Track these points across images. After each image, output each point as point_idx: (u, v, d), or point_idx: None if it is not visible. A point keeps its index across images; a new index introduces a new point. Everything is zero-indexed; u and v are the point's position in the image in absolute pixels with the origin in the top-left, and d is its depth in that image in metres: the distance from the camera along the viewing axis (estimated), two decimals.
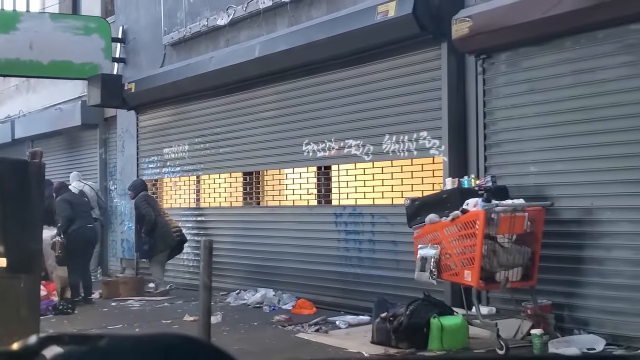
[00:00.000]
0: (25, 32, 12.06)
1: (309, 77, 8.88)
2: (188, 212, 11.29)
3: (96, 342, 1.01)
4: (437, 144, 7.30)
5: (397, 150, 7.75)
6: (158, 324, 8.13)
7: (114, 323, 8.15)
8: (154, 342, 1.05)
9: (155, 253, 10.23)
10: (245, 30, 10.07)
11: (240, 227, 10.25)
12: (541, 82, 6.46)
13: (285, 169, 9.49)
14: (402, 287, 7.68)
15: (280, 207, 9.63)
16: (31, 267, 5.08)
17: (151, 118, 12.14)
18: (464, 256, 5.95)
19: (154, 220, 10.17)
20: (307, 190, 9.12)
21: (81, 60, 12.33)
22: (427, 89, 7.42)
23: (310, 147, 8.92)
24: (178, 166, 11.53)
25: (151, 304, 9.51)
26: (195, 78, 10.36)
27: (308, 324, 7.62)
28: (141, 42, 12.49)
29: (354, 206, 8.36)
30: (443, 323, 5.87)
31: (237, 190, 10.44)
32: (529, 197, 6.27)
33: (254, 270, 9.90)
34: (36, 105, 16.46)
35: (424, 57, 7.44)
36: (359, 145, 8.22)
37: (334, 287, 8.57)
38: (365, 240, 8.21)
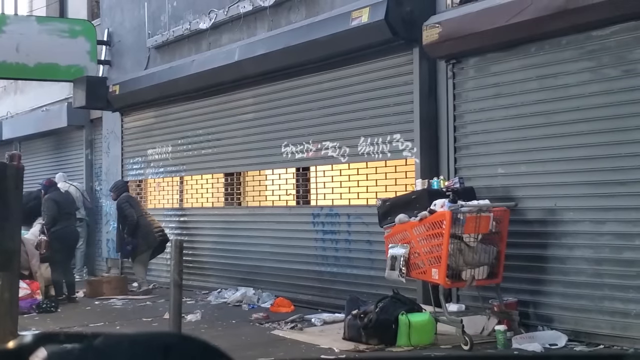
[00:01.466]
0: (12, 35, 12.21)
1: (287, 80, 9.07)
2: (171, 213, 11.46)
3: (92, 341, 1.01)
4: (409, 146, 7.51)
5: (371, 152, 7.95)
6: (138, 321, 8.30)
7: (96, 321, 8.32)
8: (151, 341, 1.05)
9: (138, 253, 10.40)
10: (226, 33, 10.26)
11: (222, 227, 10.43)
12: (507, 87, 6.67)
13: (265, 170, 9.68)
14: (376, 286, 7.88)
15: (260, 207, 9.82)
16: (9, 265, 5.24)
17: (135, 120, 12.31)
18: (431, 255, 6.15)
19: (136, 220, 10.34)
20: (285, 191, 9.32)
21: (67, 63, 12.48)
22: (400, 93, 7.62)
23: (288, 149, 9.11)
24: (161, 167, 11.70)
25: (133, 303, 9.68)
26: (177, 80, 10.53)
27: (285, 321, 7.80)
28: (126, 44, 12.65)
29: (331, 207, 8.56)
30: (411, 320, 6.08)
31: (219, 191, 10.62)
32: (497, 197, 6.48)
33: (234, 269, 10.08)
34: (23, 107, 16.59)
35: (396, 62, 7.64)
36: (336, 147, 8.42)
37: (311, 286, 8.76)
38: (341, 240, 8.41)
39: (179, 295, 5.00)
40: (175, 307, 4.85)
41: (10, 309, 5.26)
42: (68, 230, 9.85)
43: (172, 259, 5.04)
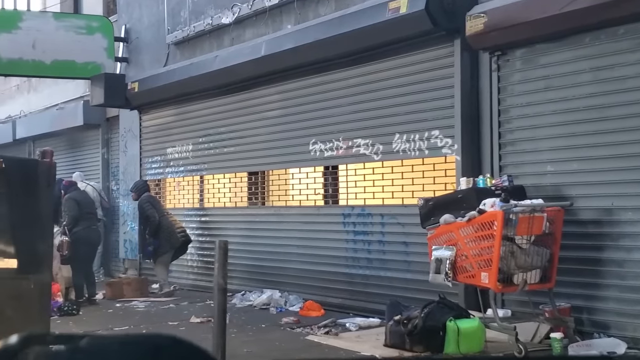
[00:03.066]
0: (28, 31, 11.92)
1: (316, 75, 8.74)
2: (192, 213, 11.15)
3: (81, 343, 0.99)
4: (449, 143, 7.17)
5: (407, 149, 7.62)
6: (164, 325, 7.98)
7: (120, 324, 8.00)
8: (141, 343, 1.04)
9: (160, 254, 10.09)
10: (250, 28, 9.95)
11: (245, 228, 10.12)
12: (558, 80, 6.33)
13: (292, 168, 9.35)
14: (413, 289, 7.56)
15: (286, 207, 9.49)
16: (41, 268, 4.94)
17: (154, 118, 12.01)
18: (480, 258, 5.82)
19: (158, 221, 10.04)
20: (314, 190, 8.99)
21: (84, 60, 12.19)
22: (439, 87, 7.29)
23: (317, 147, 8.79)
24: (182, 166, 11.40)
25: (156, 305, 9.37)
26: (199, 77, 10.22)
27: (317, 326, 7.49)
28: (144, 41, 12.36)
29: (363, 206, 8.23)
30: (460, 326, 5.74)
31: (242, 190, 10.31)
32: (546, 197, 6.13)
33: (258, 271, 9.76)
34: (37, 105, 16.32)
35: (435, 55, 7.31)
36: (368, 144, 8.09)
37: (341, 289, 8.44)
38: (374, 241, 8.08)
39: (224, 301, 4.69)
40: (220, 313, 4.53)
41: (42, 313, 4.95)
42: (90, 231, 9.56)
43: (216, 261, 4.71)
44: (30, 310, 4.91)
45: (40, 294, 4.95)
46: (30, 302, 4.91)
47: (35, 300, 4.93)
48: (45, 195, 4.98)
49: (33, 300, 4.92)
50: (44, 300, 4.97)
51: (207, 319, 8.16)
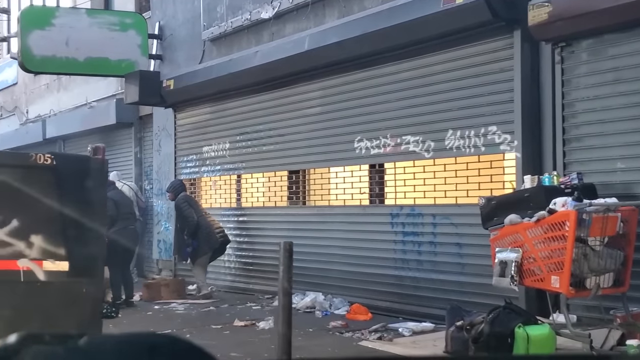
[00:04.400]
0: (61, 28, 11.74)
1: (362, 70, 8.44)
2: (229, 212, 10.90)
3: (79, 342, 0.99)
4: (508, 139, 6.84)
5: (462, 146, 7.29)
6: (207, 328, 7.74)
7: (162, 327, 7.74)
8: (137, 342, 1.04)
9: (198, 255, 9.85)
10: (291, 23, 9.67)
11: (285, 228, 9.84)
12: (629, 71, 5.97)
13: (335, 167, 9.06)
14: (467, 293, 7.25)
15: (329, 206, 9.20)
16: (94, 271, 4.69)
17: (190, 116, 11.78)
18: (550, 260, 5.48)
19: (196, 221, 9.79)
20: (359, 189, 8.69)
21: (118, 57, 12.00)
22: (497, 80, 6.96)
23: (362, 144, 8.49)
24: (218, 165, 11.15)
25: (196, 308, 9.13)
26: (238, 74, 9.96)
27: (368, 330, 7.20)
28: (178, 38, 12.13)
29: (413, 206, 7.91)
30: (529, 333, 5.40)
31: (282, 189, 10.03)
32: (617, 195, 5.77)
33: (300, 272, 9.39)
34: (68, 104, 16.18)
35: (493, 47, 6.98)
36: (418, 141, 7.78)
37: (389, 292, 8.13)
38: (425, 242, 7.76)
39: (289, 305, 4.41)
40: (285, 318, 4.24)
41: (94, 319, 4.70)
42: (128, 231, 9.35)
43: (281, 264, 4.43)
44: (82, 315, 4.66)
45: (92, 298, 4.71)
46: (82, 307, 4.66)
47: (87, 305, 4.69)
48: (97, 194, 4.73)
49: (85, 305, 4.67)
50: (96, 305, 4.71)
51: (251, 322, 7.92)
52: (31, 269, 4.53)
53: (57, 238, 4.62)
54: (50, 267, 4.57)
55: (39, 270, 4.56)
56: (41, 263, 4.57)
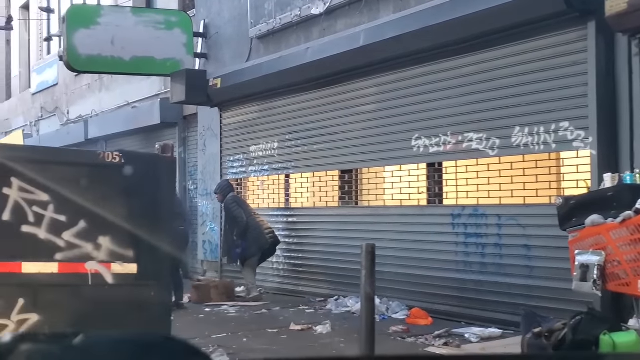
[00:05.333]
0: (107, 27, 11.64)
1: (421, 65, 8.16)
2: (277, 213, 10.69)
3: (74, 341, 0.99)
4: (582, 136, 6.51)
5: (530, 143, 6.97)
6: (263, 332, 7.51)
7: (216, 331, 7.54)
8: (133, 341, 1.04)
9: (248, 257, 9.65)
10: (343, 18, 9.43)
11: (336, 229, 9.61)
12: None
13: (391, 166, 8.79)
14: (535, 297, 6.94)
15: (384, 207, 8.94)
16: (162, 273, 4.49)
17: (236, 115, 11.59)
18: (637, 264, 5.14)
19: (245, 222, 9.59)
20: (417, 189, 8.41)
21: (163, 56, 11.87)
22: (569, 74, 6.63)
23: (421, 142, 8.21)
24: (266, 164, 10.95)
25: (247, 310, 8.92)
26: (289, 71, 9.75)
27: (432, 336, 6.92)
28: (224, 36, 11.96)
29: (476, 206, 7.61)
30: (615, 340, 5.07)
31: (334, 189, 9.79)
32: None
33: (352, 275, 9.18)
34: (110, 104, 16.13)
35: (565, 39, 6.65)
36: (482, 138, 7.47)
37: (451, 296, 7.84)
38: (489, 244, 7.45)
39: (372, 311, 4.16)
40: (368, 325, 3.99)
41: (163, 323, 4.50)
42: (177, 232, 9.15)
43: (363, 267, 4.18)
44: (150, 320, 4.46)
45: (161, 302, 4.50)
46: (150, 311, 4.46)
47: (155, 309, 4.48)
48: (166, 194, 4.53)
49: (153, 309, 4.47)
50: (165, 309, 4.51)
51: (307, 326, 7.69)
52: (99, 271, 4.35)
53: (125, 240, 4.43)
54: (119, 270, 4.38)
55: (107, 273, 4.37)
56: (109, 266, 4.39)
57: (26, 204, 4.21)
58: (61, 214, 4.30)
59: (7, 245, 4.19)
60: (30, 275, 4.19)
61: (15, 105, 23.17)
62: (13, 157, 4.31)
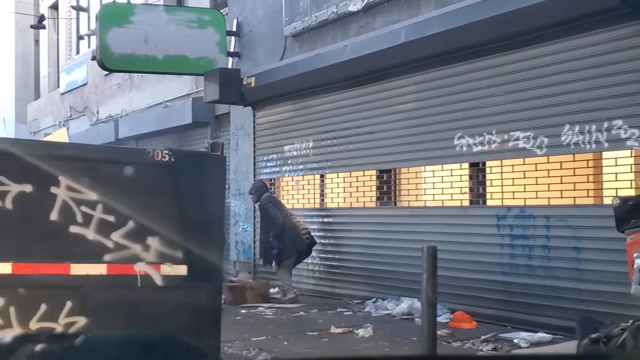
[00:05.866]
0: (140, 26, 11.57)
1: (464, 62, 7.96)
2: (312, 213, 10.54)
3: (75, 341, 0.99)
4: (636, 134, 6.27)
5: (580, 142, 6.74)
6: (303, 335, 7.36)
7: (256, 334, 7.40)
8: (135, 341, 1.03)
9: (284, 258, 9.51)
10: (381, 15, 9.24)
11: (374, 230, 9.44)
12: None
13: (432, 165, 8.60)
14: (585, 301, 6.71)
15: (424, 207, 8.74)
16: (213, 275, 4.35)
17: (270, 114, 11.46)
18: None
19: (281, 222, 9.45)
20: (459, 189, 8.20)
21: (196, 55, 11.77)
22: (623, 71, 6.40)
23: (463, 141, 8.01)
24: (301, 164, 10.80)
25: (284, 313, 8.77)
26: (325, 69, 9.59)
27: (479, 340, 6.72)
28: (257, 34, 11.83)
29: (522, 207, 7.39)
30: None
31: (371, 189, 9.61)
32: None
33: (391, 277, 9.05)
34: (140, 104, 16.09)
35: (618, 34, 6.42)
36: (529, 137, 7.25)
37: (495, 299, 7.63)
38: (537, 246, 7.23)
39: (433, 317, 3.98)
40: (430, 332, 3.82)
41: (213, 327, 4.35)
42: None
43: (424, 271, 4.02)
44: (201, 323, 4.32)
45: (211, 304, 4.36)
46: (201, 314, 4.32)
47: (206, 311, 4.34)
48: (216, 193, 4.39)
49: (204, 312, 4.33)
50: (215, 311, 4.37)
51: (348, 329, 7.52)
52: (148, 273, 4.22)
53: (174, 240, 4.29)
54: (168, 272, 4.25)
55: (156, 274, 4.24)
56: (158, 267, 4.26)
57: (74, 204, 4.09)
58: (109, 213, 4.18)
59: (55, 246, 4.07)
60: (79, 277, 4.07)
61: (44, 105, 23.28)
62: (61, 155, 4.19)
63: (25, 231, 4.05)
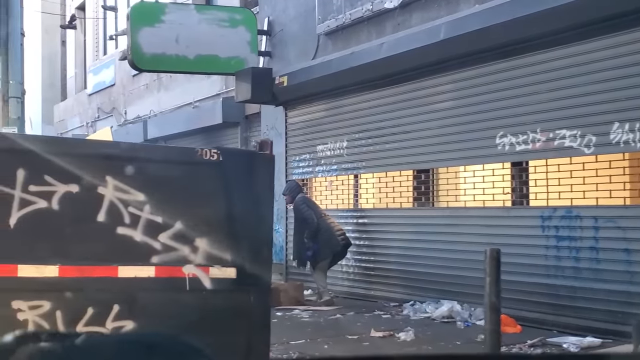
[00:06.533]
0: (171, 25, 11.47)
1: (506, 59, 7.76)
2: (347, 214, 10.37)
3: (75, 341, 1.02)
4: None
5: (631, 140, 6.52)
6: (343, 339, 7.20)
7: (295, 337, 7.25)
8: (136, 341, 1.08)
9: (319, 259, 9.35)
10: (418, 12, 9.06)
11: (411, 231, 9.26)
12: None
13: (472, 165, 8.39)
14: (636, 304, 6.48)
15: (464, 208, 8.55)
16: (262, 278, 4.20)
17: (302, 113, 11.31)
18: None
19: (316, 224, 9.29)
20: (502, 189, 7.99)
21: (227, 54, 11.65)
22: None
23: (506, 140, 7.80)
24: (334, 164, 10.64)
25: (321, 315, 8.61)
26: (360, 68, 9.42)
27: (526, 345, 6.52)
28: (289, 33, 11.70)
29: (569, 207, 7.17)
30: None
31: (408, 189, 9.42)
32: None
33: (429, 279, 8.87)
34: (169, 104, 16.03)
35: None
36: (576, 135, 7.03)
37: (540, 302, 7.41)
38: (584, 248, 7.01)
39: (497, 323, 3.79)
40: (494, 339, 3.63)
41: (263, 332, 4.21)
42: None
43: (487, 275, 3.84)
44: (250, 327, 4.18)
45: (260, 308, 4.22)
46: (250, 318, 4.18)
47: (255, 315, 4.20)
48: (265, 194, 4.24)
49: (252, 316, 4.19)
50: (265, 315, 4.22)
51: (389, 332, 7.35)
52: (197, 276, 4.09)
53: (223, 242, 4.15)
54: (217, 274, 4.11)
55: (205, 277, 4.10)
56: (207, 270, 4.12)
57: (121, 204, 3.97)
58: (157, 214, 4.05)
59: (102, 247, 3.95)
60: (126, 280, 3.94)
61: (71, 106, 23.35)
62: (108, 154, 4.07)
63: (71, 233, 3.93)
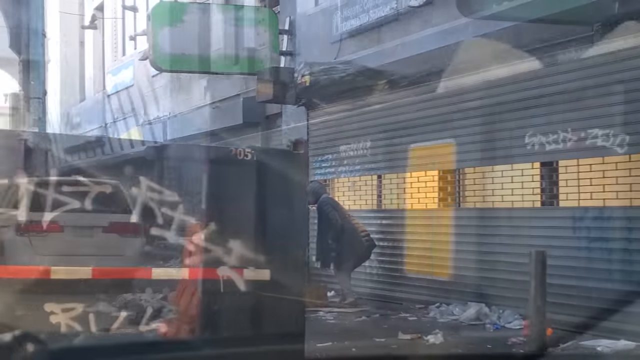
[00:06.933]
0: (192, 25, 11.46)
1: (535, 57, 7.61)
2: (369, 215, 10.26)
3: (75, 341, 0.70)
4: None
5: None
6: (371, 342, 7.09)
7: (321, 339, 7.07)
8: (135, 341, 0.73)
9: (343, 261, 9.26)
10: (444, 10, 8.93)
11: (437, 232, 9.14)
12: None
13: (501, 165, 8.26)
14: None
15: (492, 209, 8.42)
16: (297, 279, 4.12)
17: (325, 113, 11.22)
18: None
19: (340, 224, 9.20)
20: (531, 189, 7.86)
21: (248, 54, 11.61)
22: None
23: (535, 140, 7.67)
24: (357, 165, 10.54)
25: (346, 317, 8.52)
26: (384, 67, 9.33)
27: (559, 349, 6.37)
28: (310, 33, 11.61)
29: (602, 208, 7.03)
30: None
31: (433, 190, 9.31)
32: None
33: (456, 281, 8.75)
34: (188, 105, 15.99)
35: None
36: (609, 135, 6.89)
37: (571, 305, 7.25)
38: (617, 249, 6.87)
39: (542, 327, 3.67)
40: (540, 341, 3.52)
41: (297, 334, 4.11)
42: None
43: (532, 277, 3.75)
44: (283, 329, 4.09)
45: (295, 310, 4.13)
46: (284, 320, 4.10)
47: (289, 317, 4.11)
48: (299, 194, 4.16)
49: (287, 319, 4.10)
50: (299, 318, 4.13)
51: (417, 335, 7.23)
52: (231, 277, 4.00)
53: (257, 243, 4.07)
54: (251, 276, 4.03)
55: (239, 279, 4.02)
56: (241, 271, 4.04)
57: (155, 205, 3.90)
58: (191, 215, 3.97)
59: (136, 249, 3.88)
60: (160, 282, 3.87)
61: (89, 107, 23.39)
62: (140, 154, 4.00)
63: None
